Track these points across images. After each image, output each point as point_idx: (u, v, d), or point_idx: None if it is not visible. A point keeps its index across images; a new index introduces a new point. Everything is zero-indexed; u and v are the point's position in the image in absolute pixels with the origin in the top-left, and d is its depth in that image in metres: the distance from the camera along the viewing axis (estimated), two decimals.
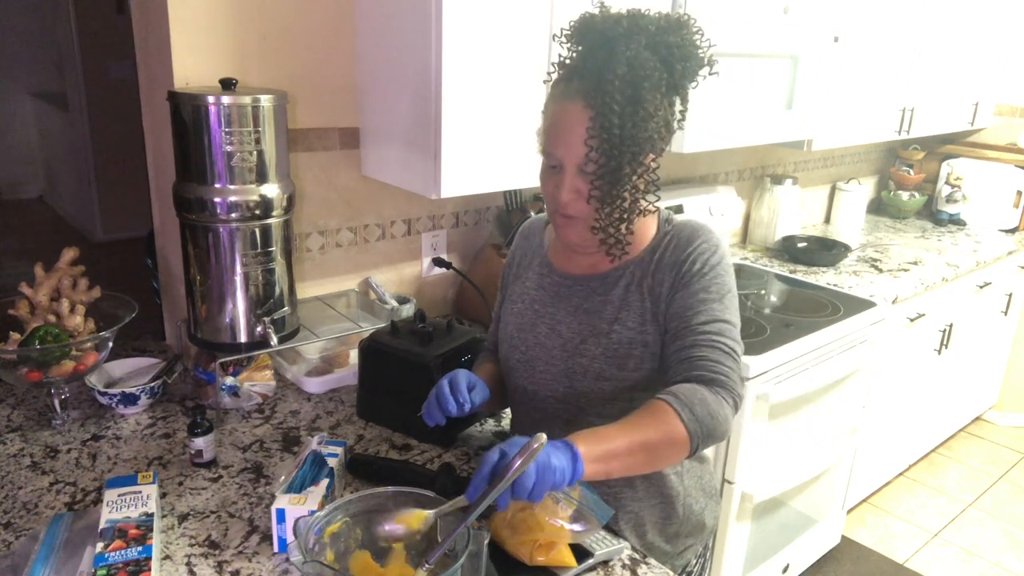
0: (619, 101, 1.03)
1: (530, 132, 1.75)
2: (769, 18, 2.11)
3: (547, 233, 1.35)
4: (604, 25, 1.06)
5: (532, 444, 1.00)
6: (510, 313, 1.32)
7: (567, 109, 1.09)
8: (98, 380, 1.57)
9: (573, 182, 1.11)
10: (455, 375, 1.21)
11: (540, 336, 1.26)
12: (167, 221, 1.74)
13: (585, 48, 1.09)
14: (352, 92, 1.83)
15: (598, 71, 1.05)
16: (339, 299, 1.91)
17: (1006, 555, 2.85)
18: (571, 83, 1.09)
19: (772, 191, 2.99)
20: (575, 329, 1.22)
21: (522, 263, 1.36)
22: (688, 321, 1.13)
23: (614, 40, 1.05)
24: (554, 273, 1.28)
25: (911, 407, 3.02)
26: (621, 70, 1.03)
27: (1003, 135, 3.64)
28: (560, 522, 1.10)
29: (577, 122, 1.07)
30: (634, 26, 1.05)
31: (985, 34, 3.23)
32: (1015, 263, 3.32)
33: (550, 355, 1.24)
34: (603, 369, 1.19)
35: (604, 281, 1.23)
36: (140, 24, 1.70)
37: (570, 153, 1.10)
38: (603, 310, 1.21)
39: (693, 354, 1.10)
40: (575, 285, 1.25)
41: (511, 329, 1.30)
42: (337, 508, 1.05)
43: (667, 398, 1.04)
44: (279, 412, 1.60)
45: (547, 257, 1.31)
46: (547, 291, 1.28)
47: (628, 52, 1.04)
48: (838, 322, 2.27)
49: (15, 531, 1.19)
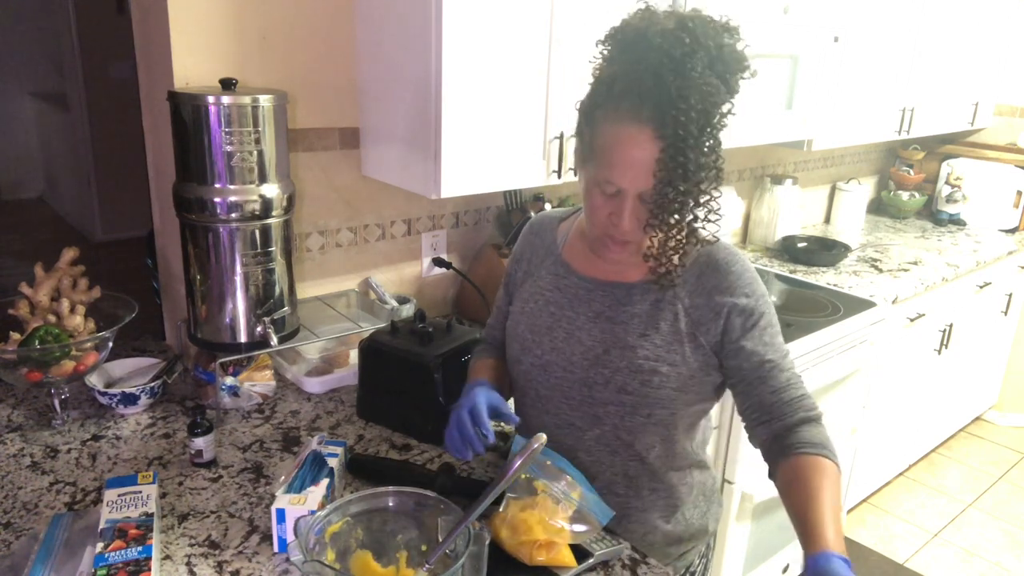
0: (694, 134, 0.98)
1: (530, 132, 1.76)
2: (769, 18, 2.11)
3: (561, 231, 1.29)
4: (664, 42, 0.98)
5: (532, 444, 1.01)
6: (522, 313, 1.27)
7: (633, 137, 1.01)
8: (98, 380, 1.57)
9: (635, 210, 1.07)
10: (475, 403, 1.15)
11: (557, 341, 1.21)
12: (167, 221, 1.74)
13: (645, 67, 1.00)
14: (352, 92, 1.83)
15: (670, 99, 0.98)
16: (339, 299, 1.91)
17: (1006, 555, 2.85)
18: (635, 105, 1.01)
19: (772, 191, 2.99)
20: (597, 337, 1.18)
21: (533, 260, 1.30)
22: (779, 362, 1.15)
23: (680, 61, 0.98)
24: (572, 275, 1.24)
25: (911, 407, 3.02)
26: (695, 99, 0.97)
27: (1003, 135, 3.64)
28: (560, 523, 1.10)
29: (646, 152, 1.01)
30: (695, 42, 0.98)
31: (985, 34, 3.23)
32: (1015, 263, 3.32)
33: (569, 361, 1.20)
34: (626, 383, 1.16)
35: (630, 291, 1.19)
36: (140, 24, 1.71)
37: (636, 183, 1.04)
38: (629, 322, 1.17)
39: (793, 395, 1.15)
40: (596, 290, 1.21)
41: (522, 329, 1.26)
42: (337, 508, 1.05)
43: (825, 454, 1.10)
44: (279, 412, 1.60)
45: (563, 257, 1.26)
46: (564, 293, 1.23)
47: (698, 77, 0.98)
48: (838, 322, 2.27)
49: (15, 531, 1.19)
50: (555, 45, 1.69)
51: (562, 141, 1.78)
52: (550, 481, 1.13)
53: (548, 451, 1.13)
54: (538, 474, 1.14)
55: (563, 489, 1.13)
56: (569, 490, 1.13)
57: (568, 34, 1.70)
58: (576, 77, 1.73)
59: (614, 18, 1.09)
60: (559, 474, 1.14)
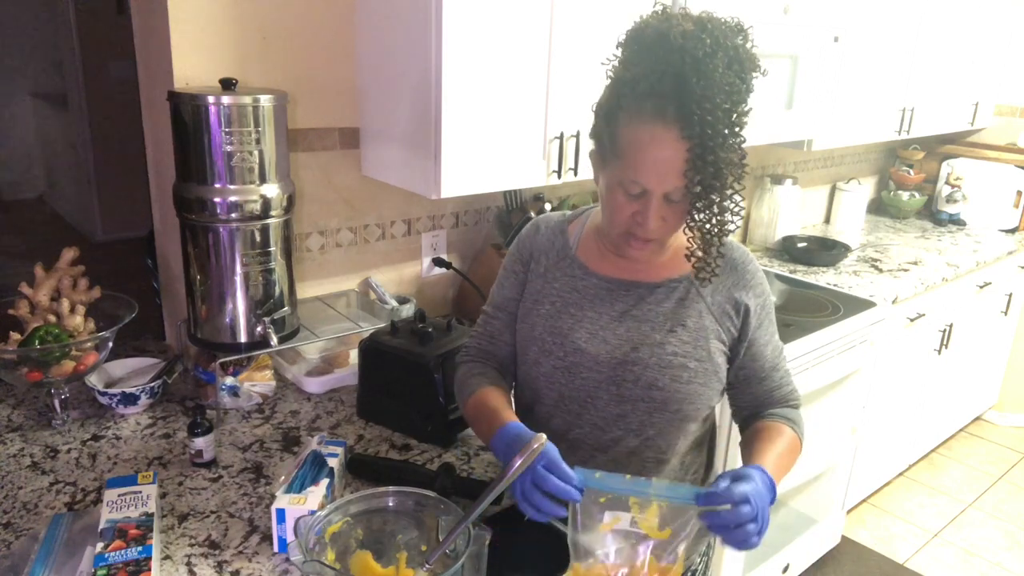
0: (721, 132, 0.99)
1: (530, 132, 1.76)
2: (769, 18, 2.11)
3: (572, 233, 1.27)
4: (686, 43, 0.98)
5: (532, 444, 0.99)
6: (537, 316, 1.24)
7: (659, 137, 1.02)
8: (98, 380, 1.57)
9: (660, 210, 1.07)
10: (548, 456, 0.99)
11: (579, 342, 1.19)
12: (167, 221, 1.74)
13: (668, 68, 1.00)
14: (352, 92, 1.83)
15: (694, 99, 0.98)
16: (339, 299, 1.91)
17: (1006, 555, 2.85)
18: (659, 106, 1.01)
19: (772, 191, 2.99)
20: (623, 336, 1.19)
21: (542, 262, 1.26)
22: (776, 361, 1.26)
23: (702, 61, 0.98)
24: (590, 275, 1.22)
25: (911, 407, 3.02)
26: (719, 98, 0.98)
27: (1003, 135, 3.64)
28: (666, 559, 0.99)
29: (673, 153, 1.02)
30: (715, 43, 0.99)
31: (985, 34, 3.23)
32: (1015, 263, 3.32)
33: (595, 361, 1.19)
34: (656, 378, 1.17)
35: (654, 290, 1.20)
36: (140, 24, 1.71)
37: (662, 184, 1.05)
38: (655, 319, 1.19)
39: (784, 391, 1.27)
40: (618, 289, 1.21)
41: (539, 332, 1.23)
42: (337, 508, 1.05)
43: (791, 426, 1.23)
44: (279, 412, 1.60)
45: (577, 258, 1.24)
46: (583, 294, 1.22)
47: (720, 77, 0.98)
48: (838, 322, 2.27)
49: (15, 531, 1.19)
50: (555, 45, 1.69)
51: (562, 141, 1.78)
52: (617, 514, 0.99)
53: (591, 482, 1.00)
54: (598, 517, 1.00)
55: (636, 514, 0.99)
56: (642, 509, 0.99)
57: (568, 34, 1.70)
58: (576, 77, 1.73)
59: (614, 18, 1.09)
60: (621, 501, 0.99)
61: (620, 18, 1.57)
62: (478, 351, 1.32)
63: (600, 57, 1.12)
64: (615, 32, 1.09)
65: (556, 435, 1.21)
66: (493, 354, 1.31)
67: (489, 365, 1.30)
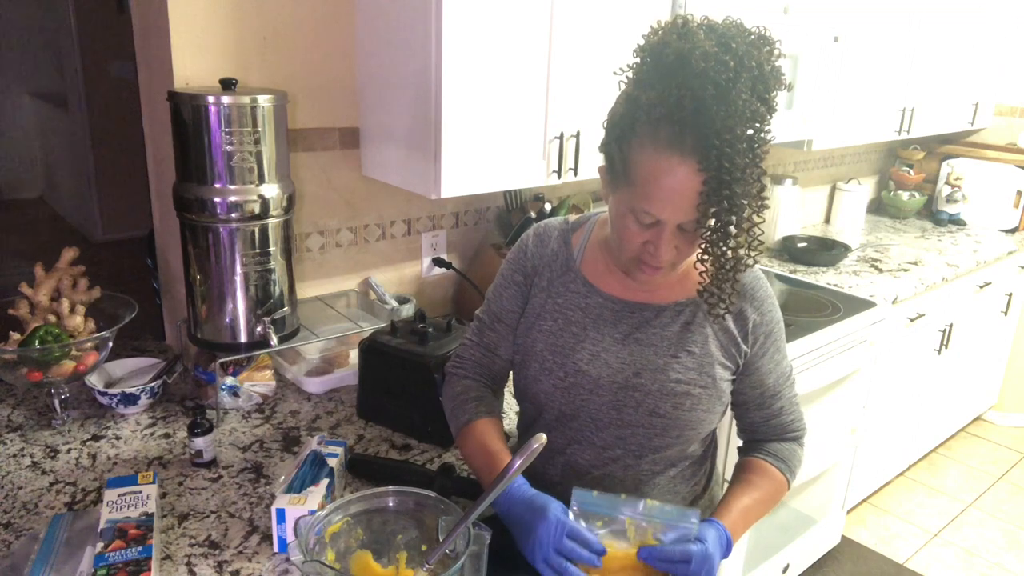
0: (739, 166, 0.94)
1: (530, 132, 1.76)
2: (769, 18, 2.11)
3: (575, 245, 1.23)
4: (708, 67, 0.93)
5: (531, 444, 0.99)
6: (539, 331, 1.20)
7: (674, 169, 0.97)
8: (98, 380, 1.57)
9: (673, 240, 1.04)
10: (569, 526, 1.03)
11: (581, 363, 1.16)
12: (167, 221, 1.74)
13: (687, 94, 0.94)
14: (352, 92, 1.83)
15: (715, 130, 0.93)
16: (339, 299, 1.91)
17: (1006, 555, 2.85)
18: (676, 135, 0.96)
19: (772, 191, 2.98)
20: (626, 360, 1.16)
21: (545, 275, 1.22)
22: (778, 389, 1.24)
23: (725, 88, 0.93)
24: (596, 294, 1.19)
25: (911, 407, 3.02)
26: (740, 129, 0.93)
27: (1003, 135, 3.64)
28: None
29: (688, 185, 0.97)
30: (739, 65, 0.94)
31: (985, 34, 3.23)
32: (1015, 263, 3.32)
33: (596, 384, 1.16)
34: (657, 406, 1.14)
35: (660, 313, 1.17)
36: (140, 24, 1.71)
37: (676, 215, 1.01)
38: (659, 344, 1.16)
39: (784, 420, 1.25)
40: (624, 311, 1.18)
41: (540, 348, 1.19)
42: (337, 508, 1.05)
43: (781, 468, 1.23)
44: (279, 412, 1.60)
45: (582, 274, 1.20)
46: (587, 313, 1.18)
47: (743, 104, 0.93)
48: (838, 322, 2.27)
49: (15, 531, 1.19)
50: (555, 44, 1.69)
51: (562, 141, 1.78)
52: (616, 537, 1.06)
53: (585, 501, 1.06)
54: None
55: (635, 532, 1.06)
56: (644, 531, 1.06)
57: (569, 33, 1.70)
58: (577, 77, 1.73)
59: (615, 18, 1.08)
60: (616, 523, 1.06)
61: (621, 18, 1.56)
62: (473, 364, 1.29)
63: (601, 57, 1.11)
64: (616, 32, 1.09)
65: (554, 449, 1.21)
66: (488, 368, 1.28)
67: (484, 384, 1.28)
